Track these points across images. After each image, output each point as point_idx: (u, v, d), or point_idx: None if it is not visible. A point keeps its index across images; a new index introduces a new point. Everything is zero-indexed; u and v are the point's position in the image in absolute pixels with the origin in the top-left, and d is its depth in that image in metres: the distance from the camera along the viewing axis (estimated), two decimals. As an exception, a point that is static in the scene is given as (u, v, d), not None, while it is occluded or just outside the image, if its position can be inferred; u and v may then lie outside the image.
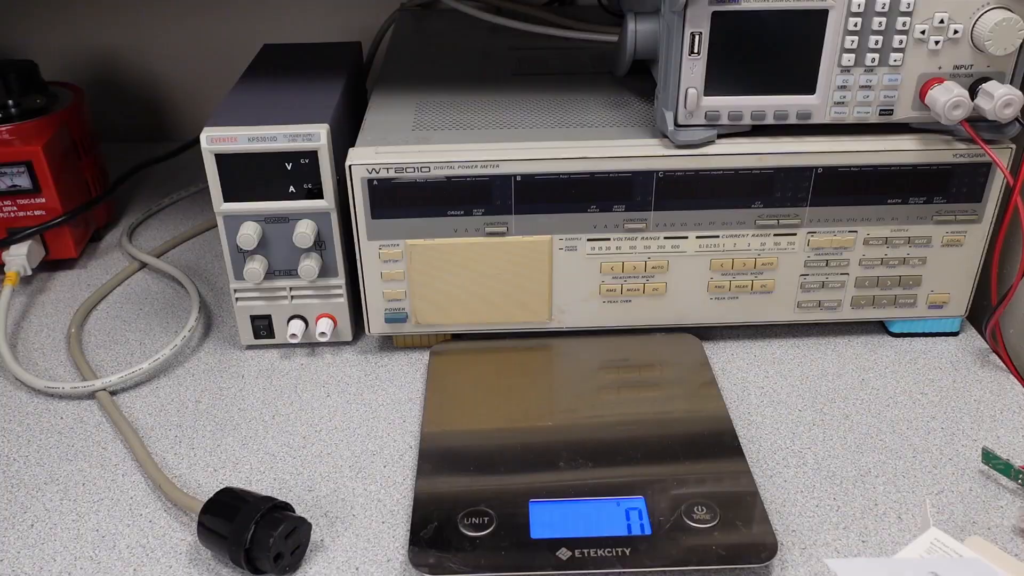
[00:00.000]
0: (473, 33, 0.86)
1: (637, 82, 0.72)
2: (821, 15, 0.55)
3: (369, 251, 0.63)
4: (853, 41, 0.56)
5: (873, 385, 0.63)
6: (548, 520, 0.50)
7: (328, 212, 0.63)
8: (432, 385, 0.62)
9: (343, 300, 0.66)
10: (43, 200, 0.75)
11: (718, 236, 0.63)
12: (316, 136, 0.60)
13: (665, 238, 0.63)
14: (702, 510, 0.50)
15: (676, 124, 0.59)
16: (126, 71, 1.05)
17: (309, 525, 0.50)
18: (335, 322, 0.67)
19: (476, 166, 0.60)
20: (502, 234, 0.62)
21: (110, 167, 1.00)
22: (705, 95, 0.58)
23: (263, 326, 0.67)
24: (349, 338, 0.68)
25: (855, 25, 0.55)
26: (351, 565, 0.50)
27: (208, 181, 0.62)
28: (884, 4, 0.55)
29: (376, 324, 0.66)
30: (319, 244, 0.64)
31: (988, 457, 0.54)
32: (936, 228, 0.63)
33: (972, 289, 0.66)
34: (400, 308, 0.65)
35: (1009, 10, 0.54)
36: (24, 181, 0.74)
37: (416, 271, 0.63)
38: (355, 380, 0.65)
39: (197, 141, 0.95)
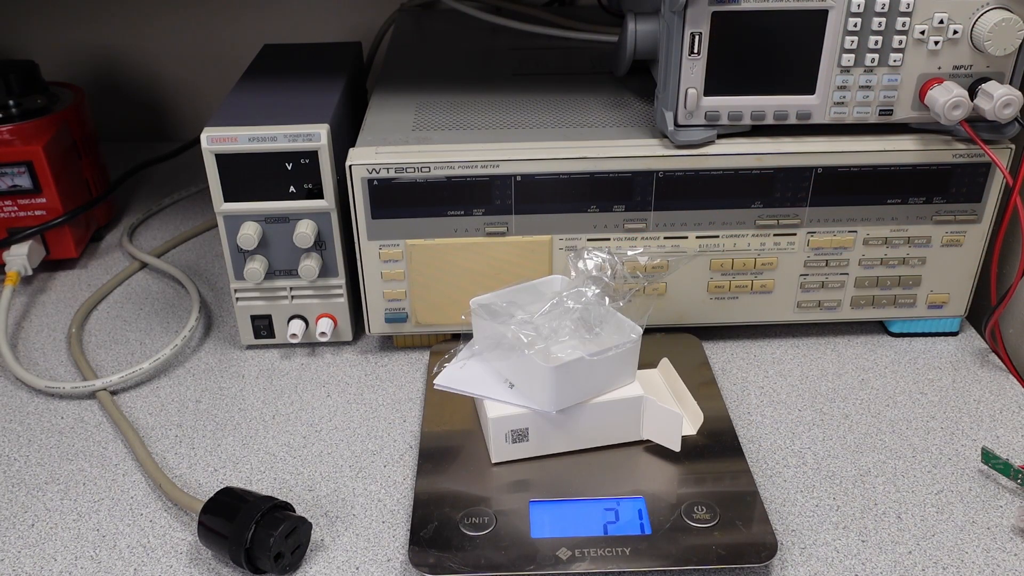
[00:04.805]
0: (473, 33, 0.86)
1: (637, 82, 0.72)
2: (821, 15, 0.55)
3: (369, 251, 0.63)
4: (853, 41, 0.56)
5: (873, 385, 0.63)
6: (548, 520, 0.50)
7: (328, 212, 0.63)
8: (432, 385, 0.62)
9: (343, 300, 0.66)
10: (43, 200, 0.75)
11: (718, 236, 0.63)
12: (316, 136, 0.60)
13: (665, 238, 0.63)
14: (702, 510, 0.50)
15: (676, 124, 0.59)
16: (126, 71, 1.05)
17: (309, 525, 0.50)
18: (335, 322, 0.67)
19: (476, 166, 0.60)
20: (502, 234, 0.62)
21: (110, 167, 1.01)
22: (705, 95, 0.58)
23: (263, 326, 0.67)
24: (349, 338, 0.68)
25: (855, 25, 0.56)
26: (351, 565, 0.50)
27: (208, 181, 0.62)
28: (884, 4, 0.55)
29: (376, 324, 0.66)
30: (319, 244, 0.64)
31: (987, 457, 0.54)
32: (936, 228, 0.63)
33: (972, 289, 0.66)
34: (400, 308, 0.65)
35: (1008, 10, 0.54)
36: (25, 181, 0.74)
37: (416, 271, 0.63)
38: (355, 380, 0.65)
39: (197, 141, 0.95)
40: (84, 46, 1.03)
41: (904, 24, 0.56)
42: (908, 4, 0.55)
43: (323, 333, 0.66)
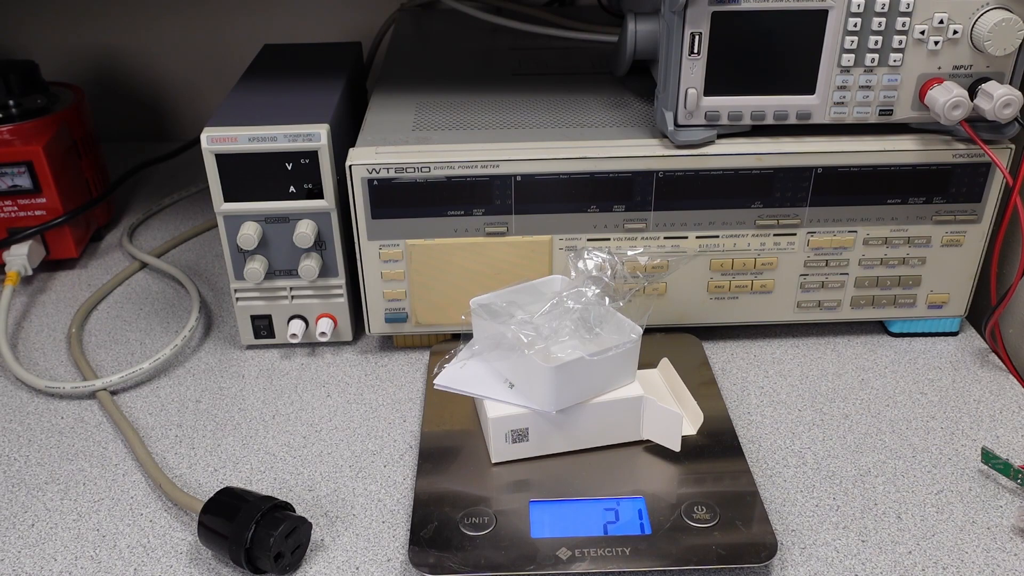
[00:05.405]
0: (473, 33, 0.86)
1: (637, 82, 0.72)
2: (821, 15, 0.55)
3: (369, 251, 0.63)
4: (853, 41, 0.56)
5: (873, 385, 0.63)
6: (548, 520, 0.50)
7: (328, 212, 0.63)
8: (432, 385, 0.62)
9: (343, 300, 0.66)
10: (44, 200, 0.75)
11: (718, 236, 0.63)
12: (316, 136, 0.60)
13: (665, 238, 0.63)
14: (702, 510, 0.50)
15: (676, 124, 0.59)
16: (126, 71, 1.05)
17: (309, 525, 0.50)
18: (335, 322, 0.67)
19: (476, 166, 0.60)
20: (502, 234, 0.62)
21: (110, 167, 1.01)
22: (705, 95, 0.58)
23: (263, 326, 0.67)
24: (349, 338, 0.68)
25: (855, 25, 0.56)
26: (351, 565, 0.50)
27: (208, 181, 0.62)
28: (884, 4, 0.55)
29: (376, 324, 0.66)
30: (319, 244, 0.64)
31: (987, 457, 0.54)
32: (936, 228, 0.63)
33: (972, 289, 0.66)
34: (400, 308, 0.65)
35: (1008, 10, 0.54)
36: (25, 181, 0.74)
37: (416, 271, 0.63)
38: (355, 380, 0.65)
39: (197, 141, 0.95)
40: (84, 46, 1.03)
41: (904, 24, 0.56)
42: (908, 4, 0.55)
43: (323, 333, 0.66)
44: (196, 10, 1.01)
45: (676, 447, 0.54)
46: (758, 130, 0.60)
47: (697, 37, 0.56)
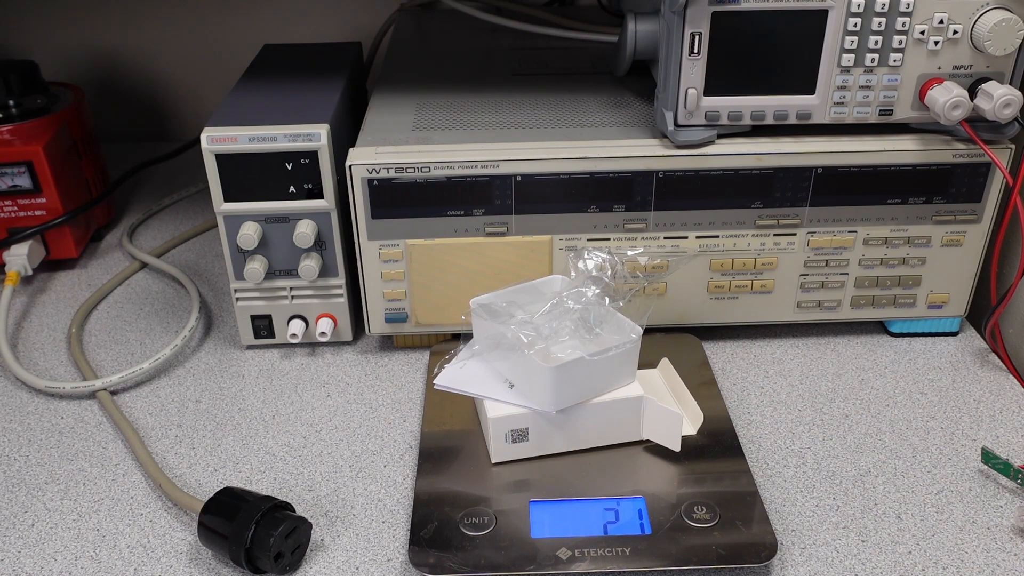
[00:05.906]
0: (473, 33, 0.86)
1: (637, 82, 0.72)
2: (821, 15, 0.55)
3: (369, 251, 0.63)
4: (853, 41, 0.56)
5: (873, 385, 0.63)
6: (548, 520, 0.50)
7: (328, 212, 0.63)
8: (432, 385, 0.62)
9: (343, 300, 0.66)
10: (44, 200, 0.75)
11: (718, 236, 0.63)
12: (316, 136, 0.60)
13: (665, 238, 0.63)
14: (702, 510, 0.50)
15: (676, 124, 0.59)
16: (126, 71, 1.05)
17: (309, 525, 0.50)
18: (335, 322, 0.67)
19: (476, 166, 0.60)
20: (502, 234, 0.62)
21: (110, 167, 1.01)
22: (705, 95, 0.58)
23: (263, 326, 0.67)
24: (349, 338, 0.68)
25: (855, 25, 0.56)
26: (351, 565, 0.50)
27: (208, 181, 0.62)
28: (884, 4, 0.55)
29: (376, 324, 0.66)
30: (319, 244, 0.64)
31: (987, 457, 0.54)
32: (936, 228, 0.63)
33: (972, 289, 0.66)
34: (400, 308, 0.65)
35: (1008, 10, 0.54)
36: (25, 181, 0.74)
37: (416, 271, 0.63)
38: (355, 380, 0.65)
39: (197, 141, 0.95)
40: (84, 46, 1.03)
41: (904, 24, 0.56)
42: (908, 4, 0.55)
43: (323, 333, 0.66)
44: (196, 10, 1.01)
45: (676, 447, 0.54)
46: (758, 130, 0.60)
47: (697, 37, 0.56)
